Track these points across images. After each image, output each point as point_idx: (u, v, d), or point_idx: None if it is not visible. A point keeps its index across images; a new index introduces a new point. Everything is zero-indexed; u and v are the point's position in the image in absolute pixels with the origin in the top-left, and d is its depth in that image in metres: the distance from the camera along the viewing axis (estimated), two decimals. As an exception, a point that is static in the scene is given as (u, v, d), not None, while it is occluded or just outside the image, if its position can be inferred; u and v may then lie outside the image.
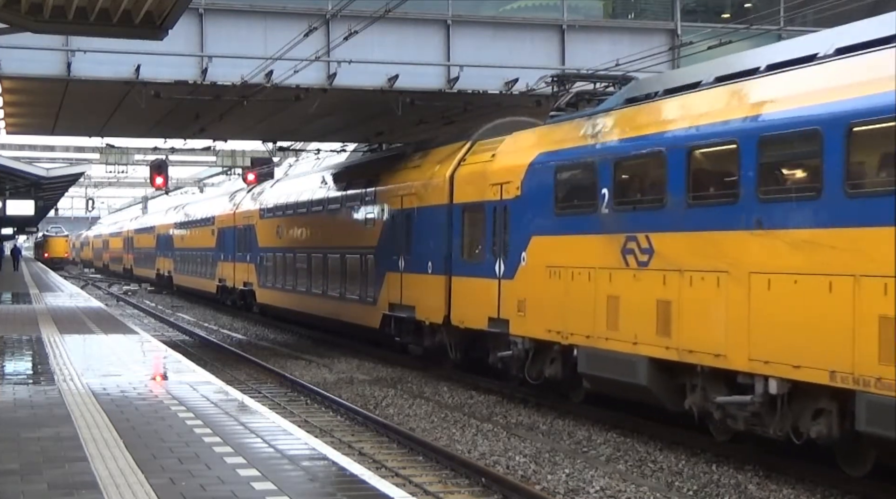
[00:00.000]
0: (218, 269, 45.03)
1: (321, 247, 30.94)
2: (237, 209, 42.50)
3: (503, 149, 19.97)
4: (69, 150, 72.32)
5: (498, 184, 19.51)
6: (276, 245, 35.90)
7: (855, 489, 12.29)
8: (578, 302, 16.54)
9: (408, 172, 24.66)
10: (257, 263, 38.16)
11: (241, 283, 40.83)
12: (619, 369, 15.47)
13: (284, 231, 35.20)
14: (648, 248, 14.90)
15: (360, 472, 8.97)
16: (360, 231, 27.36)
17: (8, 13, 12.93)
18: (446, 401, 19.64)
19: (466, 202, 21.08)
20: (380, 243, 25.69)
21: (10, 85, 24.78)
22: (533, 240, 18.17)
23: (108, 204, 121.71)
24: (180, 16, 13.26)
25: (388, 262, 24.89)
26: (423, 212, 23.12)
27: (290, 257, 34.03)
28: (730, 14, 26.01)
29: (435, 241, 22.28)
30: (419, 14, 23.31)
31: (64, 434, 10.39)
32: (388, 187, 25.62)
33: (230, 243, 42.74)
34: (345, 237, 28.67)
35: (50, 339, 20.37)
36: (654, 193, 15.08)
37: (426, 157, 24.01)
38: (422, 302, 22.85)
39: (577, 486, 12.80)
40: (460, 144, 22.49)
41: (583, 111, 18.22)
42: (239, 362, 25.85)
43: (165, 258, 60.96)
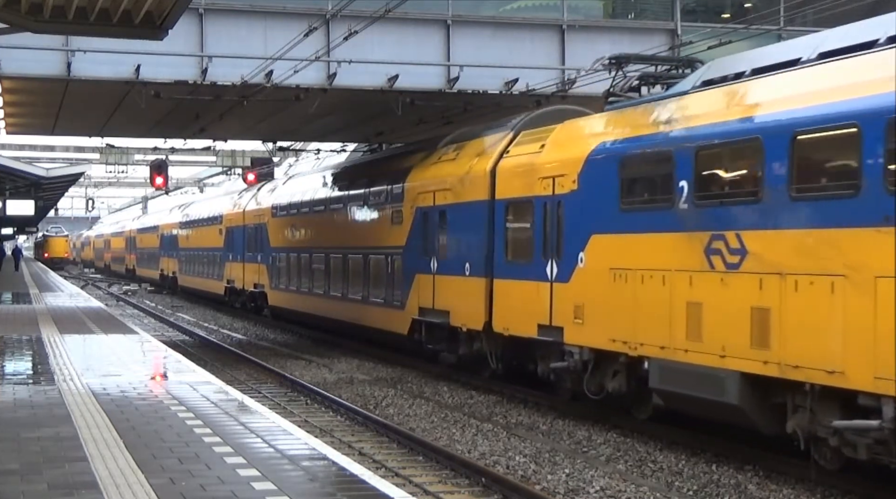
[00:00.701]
0: (226, 270, 43.28)
1: (341, 247, 28.95)
2: (247, 207, 40.55)
3: (554, 139, 18.16)
4: (69, 150, 72.32)
5: (549, 177, 17.73)
6: (291, 245, 34.03)
7: (855, 489, 12.29)
8: (650, 309, 14.76)
9: (441, 167, 22.72)
10: (269, 263, 36.30)
11: (251, 284, 38.99)
12: (702, 385, 13.68)
13: (299, 230, 33.41)
14: (740, 248, 13.12)
15: (360, 472, 8.97)
16: (385, 230, 25.50)
17: (8, 13, 12.93)
18: (446, 401, 19.64)
19: (511, 198, 19.19)
20: (408, 243, 23.81)
21: (10, 85, 24.78)
22: (593, 239, 16.40)
23: (108, 204, 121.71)
24: (180, 16, 13.26)
25: (417, 263, 23.11)
26: (459, 209, 21.28)
27: (306, 258, 32.12)
28: (730, 14, 26.02)
29: (473, 240, 20.50)
30: (419, 14, 23.32)
31: (64, 434, 10.39)
32: (418, 183, 23.57)
33: (239, 243, 40.95)
34: (368, 236, 26.84)
35: (50, 339, 20.37)
36: (747, 184, 13.30)
37: (462, 149, 22.06)
38: (457, 307, 21.08)
39: (577, 486, 12.80)
40: (502, 135, 20.63)
41: (651, 96, 16.71)
42: (239, 362, 25.85)
43: (169, 258, 59.02)
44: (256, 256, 38.12)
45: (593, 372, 16.59)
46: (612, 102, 17.46)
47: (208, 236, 47.16)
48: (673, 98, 15.36)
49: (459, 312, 20.98)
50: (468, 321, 20.59)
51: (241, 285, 40.57)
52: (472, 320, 20.37)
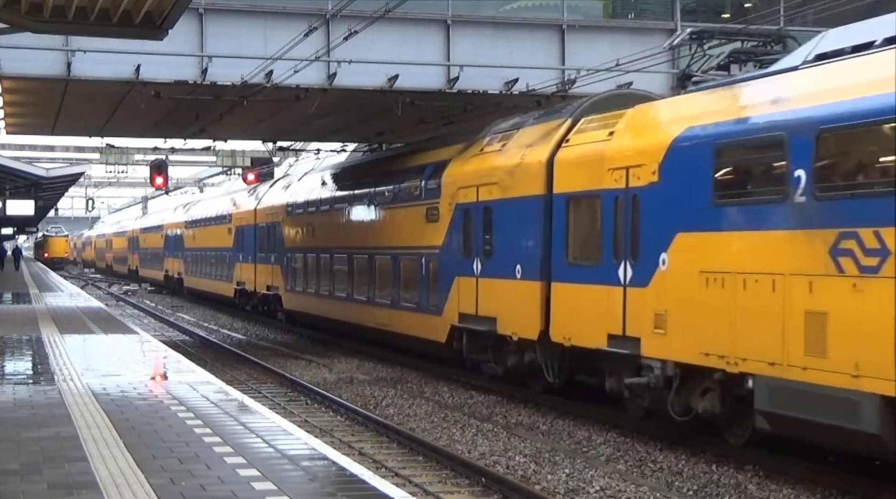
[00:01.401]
0: (236, 271, 41.20)
1: (367, 247, 26.86)
2: (259, 205, 38.58)
3: (627, 125, 16.16)
4: (69, 150, 72.29)
5: (621, 168, 15.72)
6: (309, 245, 31.95)
7: (855, 489, 12.29)
8: (755, 318, 12.80)
9: (485, 159, 20.68)
10: (284, 264, 34.26)
11: (263, 286, 36.94)
12: (827, 410, 11.83)
13: (319, 229, 31.27)
14: (879, 248, 11.21)
15: (360, 472, 8.97)
16: (419, 229, 23.43)
17: (8, 13, 12.93)
18: (446, 401, 19.64)
19: (573, 192, 17.19)
20: (446, 243, 21.83)
21: (10, 85, 24.78)
22: (679, 238, 14.42)
23: (108, 204, 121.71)
24: (180, 16, 13.26)
25: (457, 264, 21.13)
26: (508, 205, 19.25)
27: (326, 259, 30.04)
28: (730, 14, 26.02)
29: (526, 239, 18.52)
30: (419, 14, 23.33)
31: (64, 434, 10.39)
32: (458, 177, 21.54)
33: (250, 243, 38.98)
34: (398, 236, 24.84)
35: (50, 339, 20.37)
36: (890, 172, 11.32)
37: (510, 140, 20.08)
38: (506, 313, 19.06)
39: (577, 486, 12.80)
40: (557, 123, 18.66)
41: (749, 74, 14.77)
42: (239, 362, 25.85)
43: (174, 259, 56.82)
44: (270, 257, 36.12)
45: (678, 390, 14.58)
46: (698, 82, 15.70)
47: (216, 236, 45.32)
48: (781, 75, 13.41)
49: (509, 319, 18.99)
50: (520, 329, 18.58)
51: (252, 287, 38.64)
52: (525, 329, 18.35)
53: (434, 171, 23.08)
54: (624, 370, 15.74)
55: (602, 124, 17.03)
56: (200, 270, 49.10)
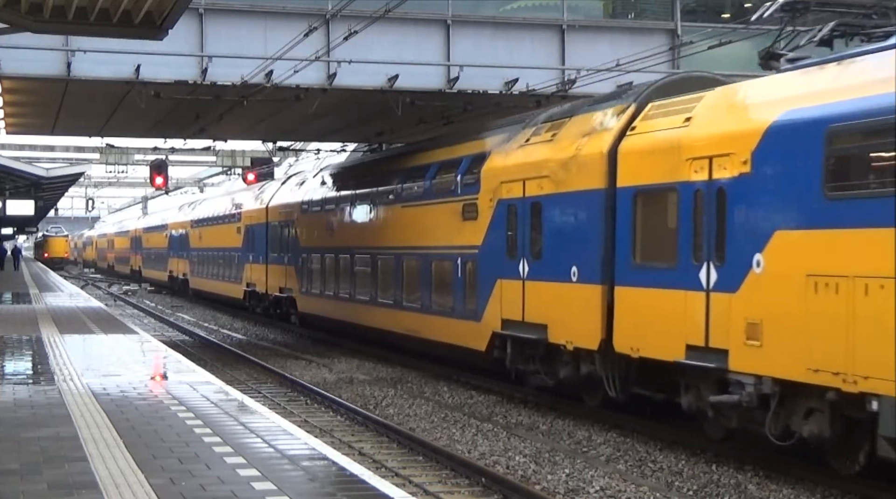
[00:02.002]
0: (245, 272, 39.28)
1: (393, 247, 25.06)
2: (271, 203, 36.61)
3: (707, 109, 14.47)
4: (69, 150, 72.31)
5: (703, 158, 13.98)
6: (327, 245, 30.01)
7: (855, 489, 12.28)
8: (882, 331, 11.08)
9: (533, 150, 18.78)
10: (298, 265, 32.34)
11: (275, 288, 35.03)
12: None
13: (338, 228, 29.34)
14: None
15: (360, 472, 8.97)
16: (454, 227, 21.68)
17: (8, 13, 12.94)
18: (446, 401, 19.64)
19: (642, 185, 15.38)
20: (487, 242, 20.02)
21: (10, 85, 24.79)
22: (778, 236, 12.70)
23: (108, 204, 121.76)
24: (180, 16, 13.27)
25: (500, 266, 19.28)
26: (561, 200, 17.44)
27: (347, 260, 28.17)
28: (730, 14, 26.02)
29: (583, 238, 16.74)
30: (419, 14, 23.33)
31: (64, 434, 10.39)
32: (500, 170, 19.66)
33: (261, 243, 37.07)
34: (430, 235, 23.06)
35: (50, 339, 20.36)
36: None
37: (561, 128, 18.23)
38: (559, 320, 17.25)
39: (577, 486, 12.80)
40: (618, 109, 16.88)
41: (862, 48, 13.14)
42: (239, 362, 25.85)
43: (179, 259, 54.77)
44: (283, 258, 34.19)
45: (777, 410, 12.87)
46: (794, 59, 14.05)
47: (224, 235, 43.45)
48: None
49: (562, 326, 17.17)
50: (576, 338, 16.77)
51: (263, 289, 36.73)
52: (583, 337, 16.56)
53: (471, 164, 21.35)
54: (705, 386, 14.02)
55: (675, 110, 15.21)
56: (207, 270, 47.38)
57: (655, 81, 17.74)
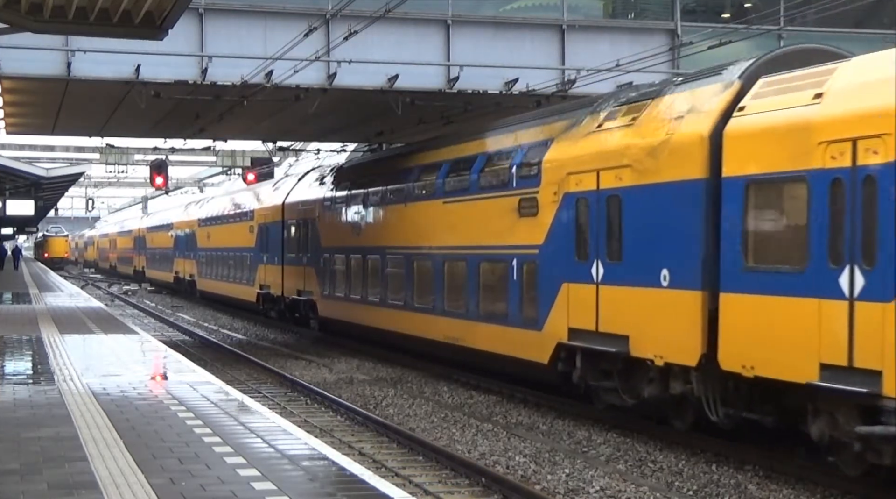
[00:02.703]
0: (259, 273, 37.07)
1: (433, 247, 22.81)
2: (287, 200, 34.38)
3: (843, 82, 12.42)
4: (69, 150, 72.32)
5: (843, 140, 11.93)
6: (353, 244, 27.68)
7: (855, 489, 12.28)
8: None
9: (608, 135, 16.61)
10: (320, 266, 30.10)
11: (293, 291, 32.86)
12: None
13: (367, 226, 27.00)
14: None
15: (360, 472, 8.97)
16: (508, 224, 19.49)
17: (8, 13, 12.94)
18: (446, 401, 19.64)
19: (756, 175, 13.25)
20: (549, 241, 17.87)
21: (10, 85, 24.79)
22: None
23: (108, 204, 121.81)
24: (180, 16, 13.27)
25: (566, 268, 17.14)
26: (646, 193, 15.27)
27: (376, 261, 25.96)
28: (730, 14, 26.03)
29: (677, 237, 14.55)
30: (419, 14, 23.33)
31: (64, 434, 10.39)
32: (565, 160, 17.51)
33: (276, 242, 34.95)
34: (477, 233, 20.83)
35: (50, 339, 20.37)
36: None
37: (644, 111, 16.03)
38: (645, 330, 15.11)
39: (577, 486, 12.80)
40: (718, 87, 14.77)
41: None
42: (239, 362, 25.86)
43: (186, 260, 52.68)
44: (301, 258, 31.94)
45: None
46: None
47: (235, 235, 41.25)
48: None
49: (648, 337, 15.05)
50: (667, 352, 14.62)
51: (278, 292, 34.65)
52: (677, 351, 14.42)
53: (528, 154, 19.04)
54: (845, 413, 11.92)
55: (798, 85, 13.12)
56: (216, 272, 45.24)
57: (761, 55, 15.22)
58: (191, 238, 51.31)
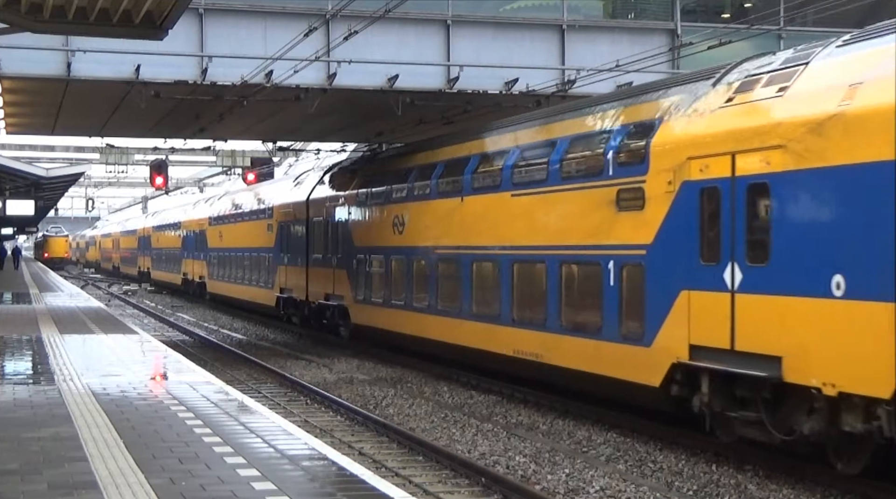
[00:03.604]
0: (278, 276, 34.33)
1: (500, 246, 19.74)
2: (312, 195, 31.52)
3: None
4: (69, 150, 72.43)
5: None
6: (395, 244, 24.72)
7: (855, 489, 12.28)
8: None
9: (745, 111, 13.82)
10: (352, 268, 27.35)
11: (319, 296, 30.06)
12: None
13: (412, 223, 23.98)
14: None
15: (360, 472, 8.97)
16: (602, 220, 16.48)
17: (8, 13, 12.94)
18: (446, 401, 19.64)
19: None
20: (662, 240, 15.04)
21: (10, 85, 24.80)
22: None
23: (108, 204, 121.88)
24: (180, 16, 13.27)
25: (686, 272, 14.37)
26: (808, 179, 12.51)
27: (425, 263, 22.98)
28: (730, 14, 26.04)
29: (858, 235, 11.83)
30: (419, 14, 23.34)
31: (64, 434, 10.39)
32: (684, 141, 14.77)
33: (299, 242, 32.28)
34: (559, 230, 17.84)
35: (50, 339, 20.37)
36: None
37: (794, 79, 13.32)
38: (808, 350, 12.31)
39: (577, 486, 12.80)
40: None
41: None
42: (239, 362, 25.86)
43: (195, 260, 49.94)
44: (330, 259, 29.06)
45: None
46: None
47: (251, 234, 38.54)
48: None
49: (814, 359, 12.25)
50: (843, 379, 11.88)
51: (301, 296, 31.82)
52: (857, 378, 11.71)
53: (629, 136, 16.29)
54: None
55: None
56: (229, 273, 42.34)
57: None
58: (201, 238, 48.76)
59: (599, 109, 17.83)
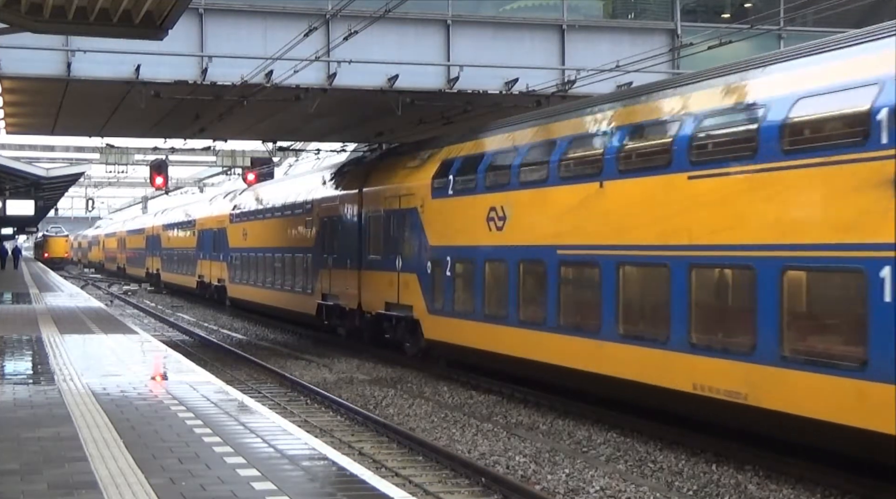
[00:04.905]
0: (321, 279, 29.89)
1: (664, 246, 15.04)
2: (367, 186, 27.06)
3: None
4: (69, 150, 72.40)
5: None
6: (491, 243, 20.04)
7: (855, 489, 12.29)
8: None
9: None
10: (425, 273, 22.73)
11: (377, 304, 25.61)
12: None
13: (518, 216, 19.16)
14: None
15: (360, 472, 8.97)
16: (862, 209, 11.82)
17: (8, 13, 12.94)
18: (446, 401, 19.64)
19: None
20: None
21: (10, 85, 24.80)
22: None
23: (108, 204, 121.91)
24: (180, 16, 13.27)
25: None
26: None
27: (539, 266, 18.25)
28: (730, 14, 26.04)
29: None
30: (419, 14, 23.35)
31: (64, 434, 10.39)
32: None
33: (349, 240, 27.79)
34: (775, 225, 13.05)
35: (50, 339, 20.36)
36: None
37: None
38: None
39: (577, 486, 12.80)
40: None
41: None
42: (239, 362, 25.86)
43: (213, 262, 45.61)
44: (393, 261, 24.52)
45: None
46: None
47: (285, 232, 34.39)
48: None
49: None
50: None
51: (351, 304, 27.48)
52: None
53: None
54: None
55: None
56: (255, 276, 38.02)
57: None
58: (220, 236, 44.09)
59: (857, 47, 12.58)
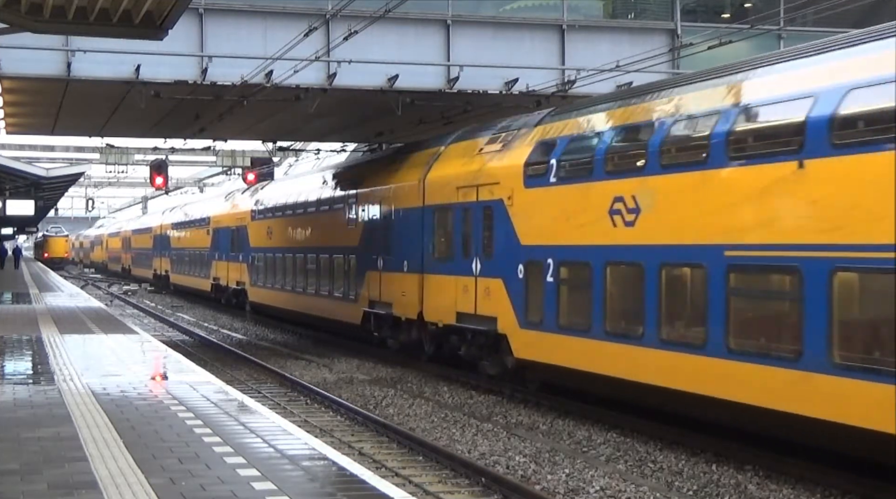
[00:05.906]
0: (367, 284, 26.21)
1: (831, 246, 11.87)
2: (430, 173, 23.11)
3: None
4: (69, 150, 72.37)
5: None
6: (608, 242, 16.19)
7: (855, 489, 12.29)
8: None
9: None
10: (514, 278, 18.84)
11: (444, 314, 21.75)
12: None
13: (649, 208, 15.26)
14: None
15: (360, 472, 8.97)
16: None
17: (8, 13, 12.94)
18: (446, 401, 19.63)
19: None
20: None
21: (10, 85, 24.80)
22: None
23: (108, 204, 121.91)
24: (180, 16, 13.27)
25: None
26: None
27: (692, 276, 14.55)
28: (730, 14, 26.04)
29: None
30: (419, 14, 23.35)
31: (64, 434, 10.39)
32: None
33: (407, 238, 23.91)
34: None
35: (50, 339, 20.36)
36: None
37: None
38: None
39: (577, 486, 12.80)
40: None
41: None
42: (239, 362, 25.86)
43: (231, 263, 41.79)
44: (469, 264, 20.65)
45: None
46: None
47: (320, 229, 30.82)
48: None
49: None
50: None
51: (410, 313, 23.51)
52: None
53: None
54: None
55: None
56: (281, 280, 34.41)
57: None
58: (240, 235, 40.29)
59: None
